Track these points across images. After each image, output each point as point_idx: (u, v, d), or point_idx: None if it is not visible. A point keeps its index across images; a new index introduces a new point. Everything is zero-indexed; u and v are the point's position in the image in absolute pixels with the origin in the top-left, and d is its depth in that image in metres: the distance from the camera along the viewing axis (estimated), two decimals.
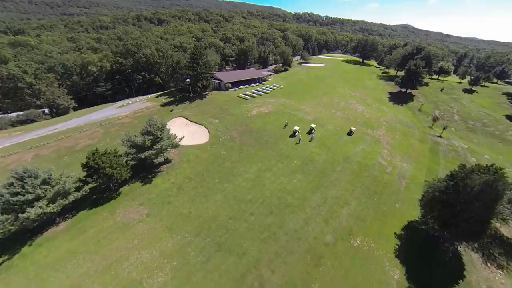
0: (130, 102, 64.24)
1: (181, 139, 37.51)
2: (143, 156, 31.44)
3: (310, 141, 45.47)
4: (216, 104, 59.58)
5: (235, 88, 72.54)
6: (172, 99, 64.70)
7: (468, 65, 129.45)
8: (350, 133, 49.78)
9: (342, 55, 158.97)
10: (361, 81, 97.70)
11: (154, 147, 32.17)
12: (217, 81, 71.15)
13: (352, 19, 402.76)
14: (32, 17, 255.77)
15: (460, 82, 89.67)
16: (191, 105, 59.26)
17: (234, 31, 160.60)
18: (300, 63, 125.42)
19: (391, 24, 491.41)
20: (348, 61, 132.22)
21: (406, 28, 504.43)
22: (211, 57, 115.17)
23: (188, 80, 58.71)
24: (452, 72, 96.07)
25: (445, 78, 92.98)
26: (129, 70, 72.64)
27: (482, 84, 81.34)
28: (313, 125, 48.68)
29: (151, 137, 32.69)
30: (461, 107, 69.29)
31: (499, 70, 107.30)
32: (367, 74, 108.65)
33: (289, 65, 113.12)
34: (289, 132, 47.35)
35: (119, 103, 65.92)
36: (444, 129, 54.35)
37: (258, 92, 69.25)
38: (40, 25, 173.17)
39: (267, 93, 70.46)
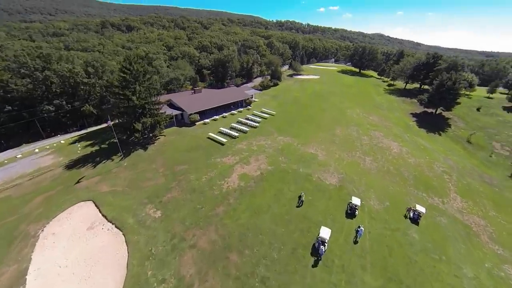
0: (19, 156, 35.38)
1: None
2: None
3: (355, 242, 20.58)
4: (167, 159, 32.71)
5: (206, 120, 45.97)
6: (95, 148, 36.90)
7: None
8: (414, 218, 25.40)
9: (334, 64, 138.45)
10: (369, 97, 75.33)
11: None
12: (176, 112, 44.35)
13: (333, 27, 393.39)
14: None
15: (489, 97, 70.19)
16: (122, 163, 31.91)
17: (212, 38, 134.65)
18: (290, 75, 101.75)
19: (368, 32, 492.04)
20: (344, 72, 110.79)
21: (382, 36, 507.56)
22: (182, 70, 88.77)
23: (109, 123, 30.98)
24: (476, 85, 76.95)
25: (471, 93, 73.43)
26: (29, 97, 42.26)
27: None
28: (355, 202, 24.21)
29: None
30: None
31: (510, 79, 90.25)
32: (372, 87, 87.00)
33: (279, 79, 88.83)
34: (309, 236, 21.80)
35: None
36: None
37: (240, 126, 43.27)
38: None
39: (255, 126, 44.73)
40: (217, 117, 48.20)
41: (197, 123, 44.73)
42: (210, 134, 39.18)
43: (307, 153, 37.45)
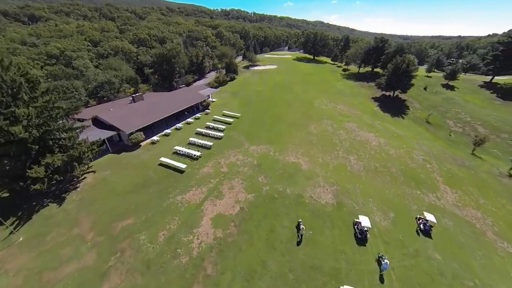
0: None
1: None
2: None
3: (382, 281, 15.40)
4: (99, 213, 21.42)
5: (155, 138, 34.59)
6: None
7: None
8: (426, 230, 21.86)
9: (288, 52, 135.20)
10: (330, 84, 73.52)
11: None
12: (110, 133, 31.69)
13: (278, 16, 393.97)
14: None
15: (428, 76, 76.27)
16: (14, 239, 19.37)
17: (151, 30, 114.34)
18: (246, 67, 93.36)
19: (310, 20, 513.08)
20: (299, 59, 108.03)
21: (322, 23, 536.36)
22: (117, 71, 70.65)
23: None
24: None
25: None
26: None
27: (458, 77, 68.72)
28: (364, 222, 19.14)
29: None
30: (468, 111, 52.32)
31: (435, 59, 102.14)
32: (330, 74, 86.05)
33: (235, 72, 79.69)
34: None
35: None
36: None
37: (201, 140, 33.70)
38: None
39: (219, 137, 35.77)
40: (169, 130, 37.19)
41: (142, 144, 33.17)
42: (162, 159, 28.66)
43: (288, 164, 31.02)
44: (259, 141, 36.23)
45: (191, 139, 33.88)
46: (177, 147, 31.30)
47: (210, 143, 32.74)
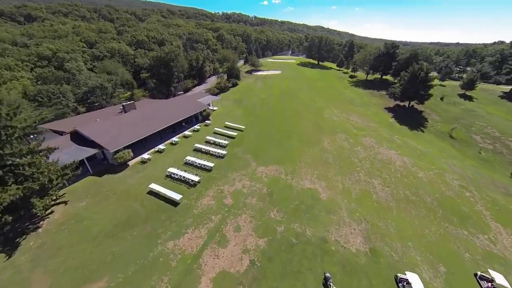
0: None
1: None
2: None
3: None
4: (62, 270, 15.84)
5: (145, 156, 29.12)
6: None
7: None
8: None
9: (291, 56, 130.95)
10: (338, 92, 68.76)
11: None
12: (91, 152, 26.23)
13: (279, 20, 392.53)
14: None
15: (442, 85, 71.80)
16: None
17: (150, 32, 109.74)
18: (249, 71, 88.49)
19: (311, 25, 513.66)
20: (303, 64, 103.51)
21: (322, 28, 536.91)
22: (113, 75, 65.39)
23: None
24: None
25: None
26: None
27: (476, 86, 64.22)
28: (412, 280, 14.22)
29: None
30: (494, 125, 47.51)
31: (444, 66, 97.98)
32: (337, 80, 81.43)
33: (238, 77, 74.76)
34: None
35: None
36: None
37: (200, 160, 28.22)
38: None
39: (221, 156, 30.38)
40: (162, 146, 31.76)
41: (130, 163, 27.76)
42: (152, 186, 23.22)
43: (304, 191, 25.76)
44: (268, 161, 30.97)
45: (188, 158, 28.49)
46: (171, 169, 25.90)
47: (210, 164, 27.37)
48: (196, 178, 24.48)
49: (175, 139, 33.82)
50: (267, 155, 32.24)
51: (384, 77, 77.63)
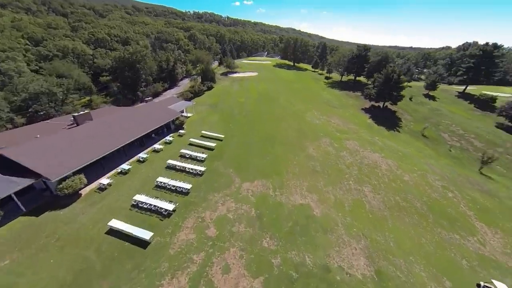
0: None
1: None
2: None
3: None
4: None
5: (104, 180, 23.69)
6: None
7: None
8: None
9: (267, 58, 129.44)
10: (316, 94, 68.57)
11: None
12: (26, 182, 20.07)
13: (252, 21, 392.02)
14: None
15: (409, 86, 76.17)
16: None
17: (112, 29, 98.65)
18: (224, 73, 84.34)
19: (283, 26, 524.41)
20: (279, 66, 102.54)
21: (294, 30, 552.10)
22: (66, 78, 55.45)
23: None
24: None
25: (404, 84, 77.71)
26: None
27: (438, 87, 69.33)
28: None
29: None
30: (458, 123, 50.97)
31: (406, 68, 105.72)
32: (313, 82, 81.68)
33: (213, 80, 70.29)
34: None
35: None
36: None
37: (173, 182, 23.80)
38: None
39: (200, 173, 26.26)
40: (127, 165, 26.47)
41: (83, 192, 22.14)
42: (113, 223, 18.27)
43: (296, 208, 23.23)
44: (253, 174, 27.83)
45: (160, 179, 23.88)
46: (138, 197, 21.14)
47: (187, 186, 23.19)
48: (170, 206, 20.19)
49: (143, 155, 28.68)
50: (251, 168, 29.08)
51: (357, 78, 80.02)
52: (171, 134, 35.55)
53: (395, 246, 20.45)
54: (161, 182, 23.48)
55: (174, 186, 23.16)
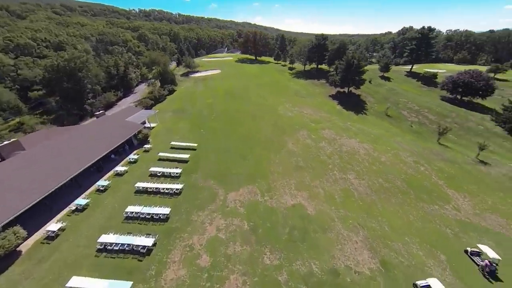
0: None
1: None
2: None
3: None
4: None
5: (53, 227, 18.63)
6: None
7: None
8: (492, 271, 17.06)
9: (227, 54, 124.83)
10: (283, 85, 68.40)
11: None
12: None
13: (206, 17, 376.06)
14: None
15: (366, 70, 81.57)
16: None
17: (37, 33, 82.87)
18: (185, 74, 78.43)
19: (238, 21, 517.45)
20: (242, 61, 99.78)
21: (249, 24, 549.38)
22: None
23: None
24: None
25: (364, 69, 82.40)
26: None
27: (390, 68, 75.55)
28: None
29: None
30: (412, 100, 56.04)
31: (359, 53, 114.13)
32: (278, 74, 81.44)
33: (173, 82, 64.57)
34: None
35: None
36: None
37: (148, 209, 20.28)
38: None
39: (177, 192, 23.00)
40: (82, 200, 21.54)
41: (23, 248, 17.00)
42: (72, 283, 13.97)
43: (289, 211, 22.03)
44: (237, 182, 25.65)
45: (129, 209, 19.96)
46: (105, 238, 17.14)
47: (165, 210, 19.85)
48: (149, 241, 16.84)
49: (102, 182, 23.90)
50: (233, 175, 26.83)
51: (319, 66, 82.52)
52: (135, 151, 30.80)
53: (390, 230, 20.78)
54: (132, 212, 19.66)
55: (149, 213, 19.60)
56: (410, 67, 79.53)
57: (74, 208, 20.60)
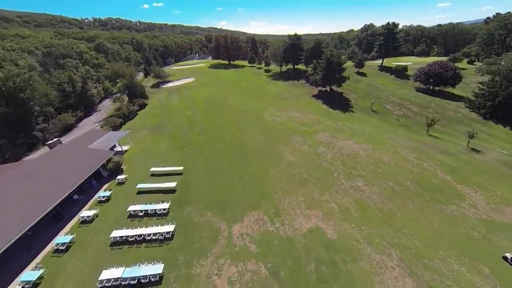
0: None
1: None
2: None
3: None
4: None
5: None
6: None
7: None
8: None
9: (199, 60, 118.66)
10: (264, 89, 65.88)
11: None
12: None
13: (169, 24, 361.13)
14: None
15: None
16: None
17: None
18: (155, 85, 71.66)
19: (204, 26, 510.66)
20: (215, 66, 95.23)
21: (215, 29, 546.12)
22: None
23: None
24: None
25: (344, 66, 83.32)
26: None
27: (364, 64, 77.75)
28: None
29: None
30: (392, 93, 57.27)
31: (330, 51, 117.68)
32: (256, 77, 78.74)
33: (143, 95, 57.95)
34: None
35: None
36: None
37: (130, 271, 15.26)
38: None
39: (168, 237, 18.17)
40: (35, 272, 15.68)
41: None
42: None
43: (307, 237, 18.82)
44: (239, 210, 21.70)
45: (105, 275, 14.66)
46: None
47: (157, 269, 15.02)
48: None
49: (63, 238, 18.03)
50: (233, 201, 22.82)
51: (296, 66, 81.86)
52: (105, 186, 24.89)
53: (421, 244, 18.63)
54: (110, 280, 14.49)
55: (134, 277, 14.65)
56: (381, 61, 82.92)
57: (22, 284, 14.66)
